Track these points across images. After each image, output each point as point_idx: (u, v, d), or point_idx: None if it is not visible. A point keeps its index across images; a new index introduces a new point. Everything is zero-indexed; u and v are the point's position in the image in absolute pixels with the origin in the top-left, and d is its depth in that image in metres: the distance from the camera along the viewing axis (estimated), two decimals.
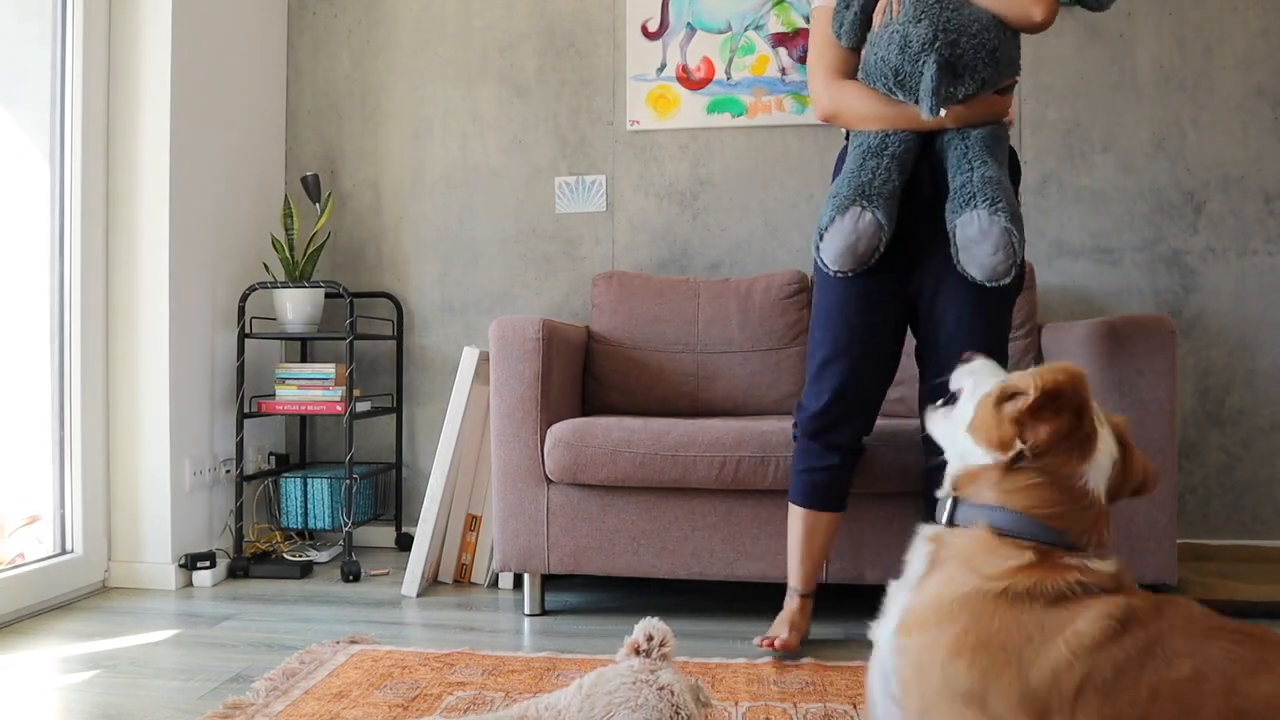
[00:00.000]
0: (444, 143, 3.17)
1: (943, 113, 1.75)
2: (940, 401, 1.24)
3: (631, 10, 3.05)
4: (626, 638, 1.34)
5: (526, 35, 3.12)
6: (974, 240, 1.80)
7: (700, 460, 2.14)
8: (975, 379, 1.19)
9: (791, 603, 2.03)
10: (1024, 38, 1.92)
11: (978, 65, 1.79)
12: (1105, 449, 1.08)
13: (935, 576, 1.09)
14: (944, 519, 1.13)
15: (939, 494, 1.17)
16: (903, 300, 1.95)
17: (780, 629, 1.98)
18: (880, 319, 1.94)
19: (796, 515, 2.01)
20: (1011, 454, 1.07)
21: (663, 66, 3.04)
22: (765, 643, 1.95)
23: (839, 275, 1.90)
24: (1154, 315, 2.20)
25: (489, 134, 3.14)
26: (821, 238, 1.87)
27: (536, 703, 1.32)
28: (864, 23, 1.90)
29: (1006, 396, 1.10)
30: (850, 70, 1.96)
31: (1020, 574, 1.02)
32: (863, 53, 1.92)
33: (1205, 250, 2.84)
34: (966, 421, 1.14)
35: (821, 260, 1.90)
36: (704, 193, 3.02)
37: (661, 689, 1.22)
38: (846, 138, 2.04)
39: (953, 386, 1.23)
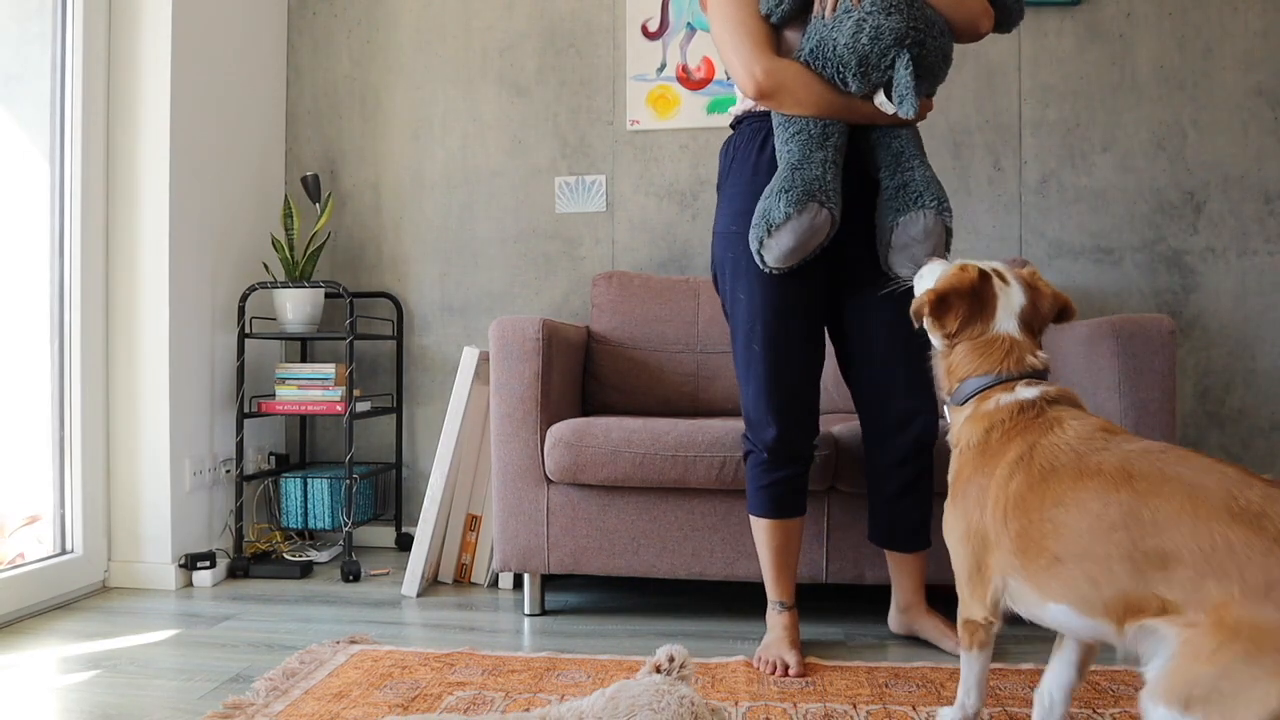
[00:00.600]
0: (444, 143, 3.17)
1: (910, 111, 1.73)
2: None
3: (631, 10, 3.05)
4: (649, 658, 1.40)
5: (526, 35, 3.12)
6: (916, 240, 1.80)
7: (700, 460, 2.14)
8: (928, 278, 1.55)
9: (782, 618, 1.97)
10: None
11: (934, 67, 1.80)
12: (1008, 303, 1.43)
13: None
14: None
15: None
16: (825, 296, 1.93)
17: (784, 652, 1.89)
18: (811, 317, 1.91)
19: (768, 529, 1.96)
20: (944, 343, 1.46)
21: (663, 66, 3.04)
22: (779, 672, 1.84)
23: (774, 272, 1.83)
24: (1154, 315, 2.20)
25: (489, 134, 3.14)
26: (769, 233, 1.76)
27: (559, 706, 1.35)
28: (803, 3, 1.83)
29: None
30: (776, 49, 1.86)
31: (962, 432, 1.41)
32: (806, 34, 1.83)
33: (1205, 250, 2.84)
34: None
35: (761, 257, 1.80)
36: (704, 193, 3.02)
37: (682, 698, 1.30)
38: (734, 125, 1.99)
39: (917, 291, 1.58)
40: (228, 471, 2.85)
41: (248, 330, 2.84)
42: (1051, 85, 2.91)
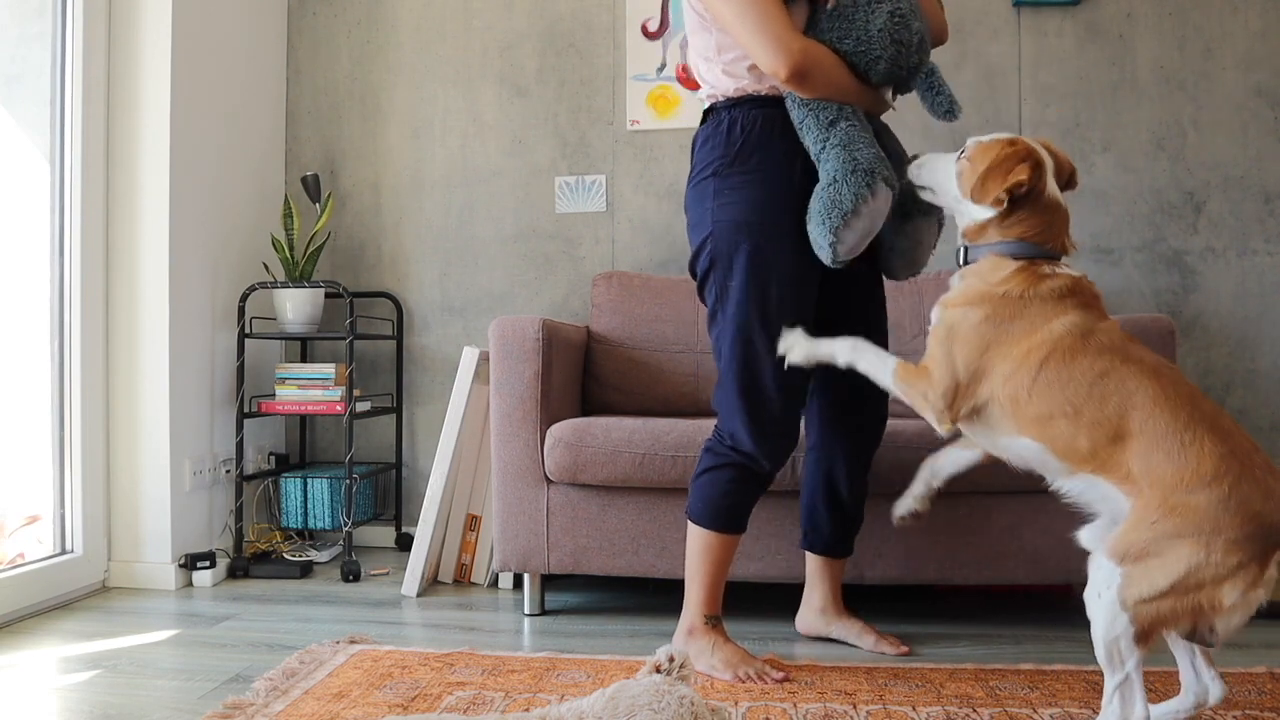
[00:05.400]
0: (444, 143, 3.17)
1: (958, 114, 1.81)
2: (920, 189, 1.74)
3: (631, 10, 3.05)
4: (649, 658, 1.40)
5: (526, 35, 3.12)
6: (926, 246, 1.88)
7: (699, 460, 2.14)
8: (934, 167, 1.69)
9: (720, 631, 1.86)
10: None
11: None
12: (1049, 167, 1.57)
13: (962, 284, 1.60)
14: (960, 262, 1.63)
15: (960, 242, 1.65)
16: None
17: (753, 662, 1.83)
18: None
19: (728, 544, 1.85)
20: (1005, 206, 1.54)
21: (663, 66, 3.04)
22: (770, 680, 1.79)
23: (837, 266, 1.72)
24: (1154, 315, 2.20)
25: (489, 134, 3.14)
26: (845, 222, 1.66)
27: (559, 706, 1.35)
28: None
29: (981, 166, 1.57)
30: None
31: (1013, 280, 1.52)
32: (821, 22, 1.76)
33: (1205, 250, 2.84)
34: (955, 193, 1.63)
35: (833, 250, 1.68)
36: None
37: (682, 698, 1.30)
38: (715, 111, 1.85)
39: (919, 181, 1.72)
40: (228, 471, 2.85)
41: (248, 330, 2.84)
42: (1051, 85, 2.90)
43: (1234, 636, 1.34)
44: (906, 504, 1.76)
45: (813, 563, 2.06)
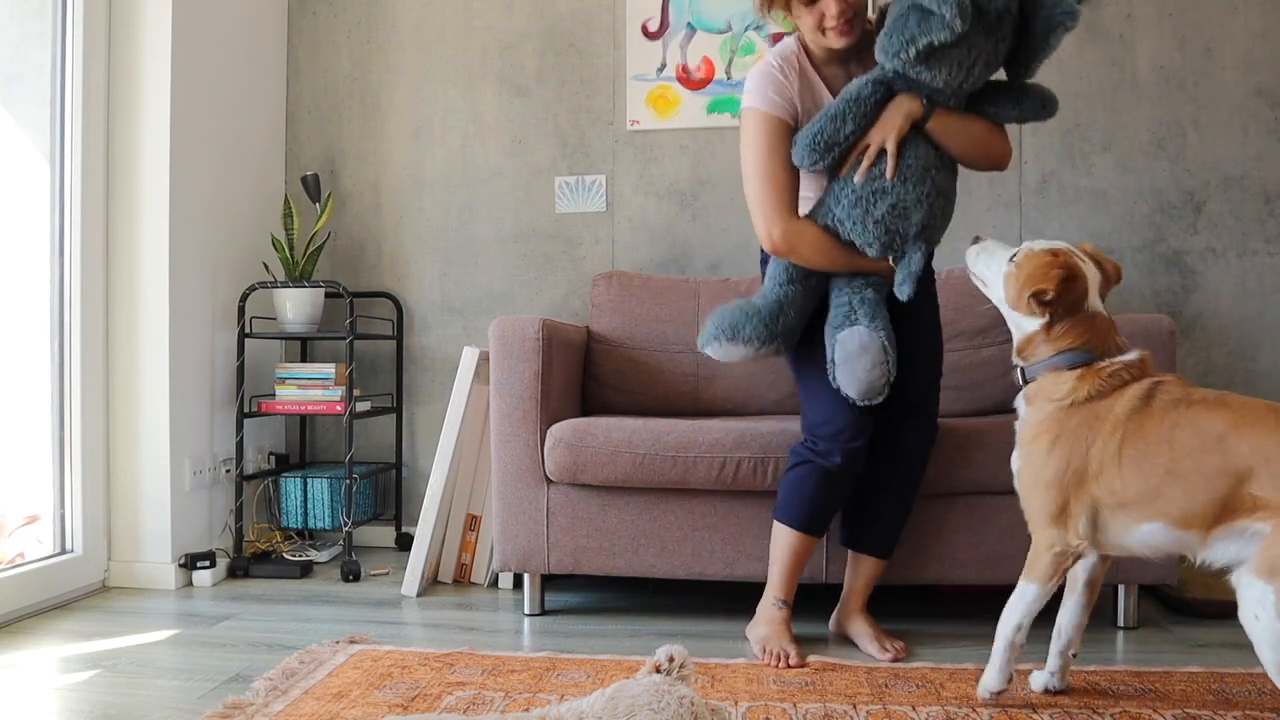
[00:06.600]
0: (444, 143, 3.17)
1: (908, 295, 1.89)
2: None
3: (631, 10, 3.05)
4: (649, 658, 1.41)
5: (526, 35, 3.12)
6: (854, 355, 1.87)
7: (700, 461, 2.14)
8: (989, 261, 1.72)
9: (781, 613, 2.01)
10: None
11: (936, 242, 1.97)
12: (1093, 280, 1.61)
13: (1030, 410, 1.63)
14: (1020, 382, 1.67)
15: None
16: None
17: (785, 644, 1.94)
18: None
19: (800, 539, 2.00)
20: (1046, 318, 1.59)
21: (663, 66, 3.04)
22: (782, 663, 1.90)
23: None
24: (1154, 315, 2.20)
25: (489, 134, 3.14)
26: (714, 342, 1.95)
27: (559, 706, 1.35)
28: (835, 163, 1.90)
29: (1023, 275, 1.61)
30: (796, 197, 1.96)
31: (1077, 387, 1.55)
32: (831, 196, 1.92)
33: (1205, 250, 2.84)
34: (1001, 295, 1.68)
35: (710, 345, 1.97)
36: (704, 193, 3.02)
37: (681, 698, 1.30)
38: None
39: (973, 268, 1.76)
40: (228, 471, 2.85)
41: (248, 330, 2.84)
42: (1051, 85, 2.89)
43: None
44: (1043, 680, 1.74)
45: (852, 560, 2.12)
